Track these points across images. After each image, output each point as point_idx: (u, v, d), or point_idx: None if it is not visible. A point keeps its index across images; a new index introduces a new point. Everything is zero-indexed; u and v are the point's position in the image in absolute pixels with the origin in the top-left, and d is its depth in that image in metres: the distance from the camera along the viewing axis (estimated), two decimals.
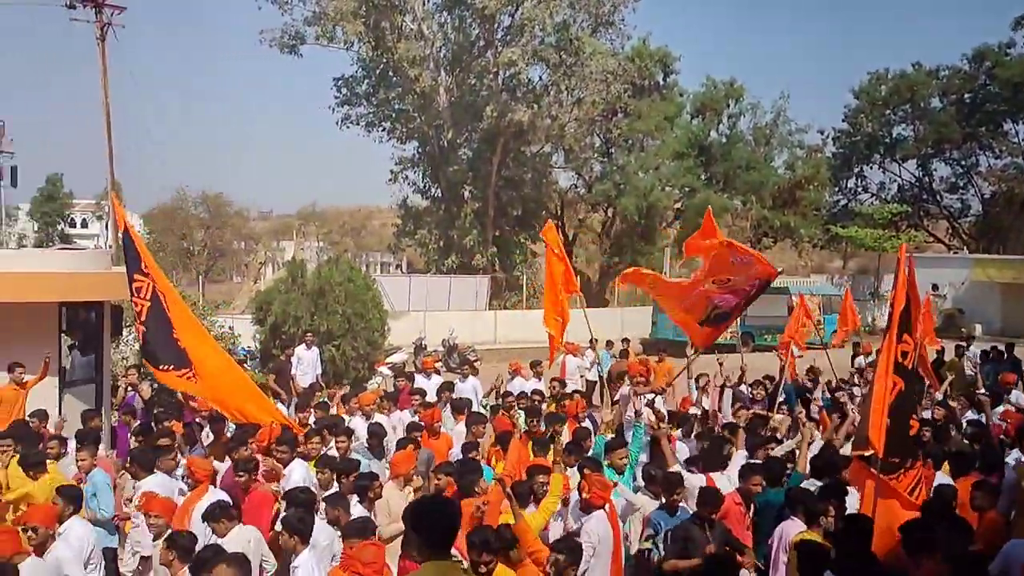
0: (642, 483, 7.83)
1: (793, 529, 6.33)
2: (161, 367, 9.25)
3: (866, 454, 6.90)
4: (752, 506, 7.27)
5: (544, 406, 10.99)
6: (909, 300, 7.15)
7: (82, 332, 12.48)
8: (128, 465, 8.01)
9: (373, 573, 5.14)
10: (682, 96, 42.49)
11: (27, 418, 9.64)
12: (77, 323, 12.48)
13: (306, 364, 15.01)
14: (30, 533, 6.04)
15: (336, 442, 8.50)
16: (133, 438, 9.22)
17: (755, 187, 41.29)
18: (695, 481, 7.34)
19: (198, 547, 5.79)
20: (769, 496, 7.23)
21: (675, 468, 7.49)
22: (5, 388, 10.42)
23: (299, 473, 7.78)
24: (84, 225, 78.83)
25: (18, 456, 7.82)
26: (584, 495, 6.72)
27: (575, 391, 12.87)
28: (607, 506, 6.75)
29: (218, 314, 17.59)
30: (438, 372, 14.16)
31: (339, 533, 6.28)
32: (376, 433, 9.22)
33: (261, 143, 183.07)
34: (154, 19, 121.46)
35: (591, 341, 11.89)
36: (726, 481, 7.54)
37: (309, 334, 15.56)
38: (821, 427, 10.02)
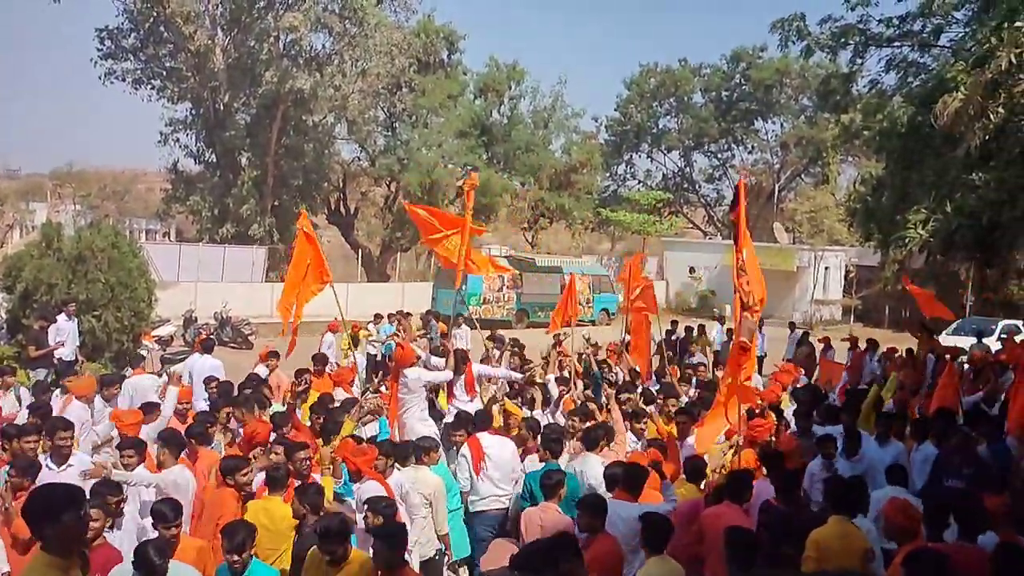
0: None
1: None
2: None
3: None
4: None
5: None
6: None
7: None
8: None
9: None
10: (466, 75, 42.97)
11: None
12: None
13: (64, 335, 14.00)
14: None
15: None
16: None
17: (533, 169, 42.18)
18: None
19: None
20: None
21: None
22: None
23: None
24: None
25: None
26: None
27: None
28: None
29: None
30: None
31: None
32: None
33: (9, 94, 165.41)
34: None
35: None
36: None
37: (71, 304, 14.54)
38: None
